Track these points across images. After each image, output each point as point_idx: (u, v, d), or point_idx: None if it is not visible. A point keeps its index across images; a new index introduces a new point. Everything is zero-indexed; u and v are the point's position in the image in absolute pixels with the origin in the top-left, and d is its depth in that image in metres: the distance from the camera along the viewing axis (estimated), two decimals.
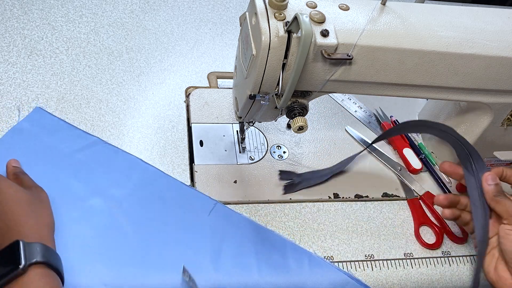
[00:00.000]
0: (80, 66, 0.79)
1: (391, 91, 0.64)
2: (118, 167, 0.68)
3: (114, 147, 0.70)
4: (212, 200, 0.67)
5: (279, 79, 0.57)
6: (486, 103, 0.68)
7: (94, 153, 0.68)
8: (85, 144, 0.69)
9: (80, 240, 0.60)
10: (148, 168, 0.69)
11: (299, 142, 0.78)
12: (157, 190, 0.67)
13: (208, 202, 0.67)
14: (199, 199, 0.67)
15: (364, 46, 0.57)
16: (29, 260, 0.48)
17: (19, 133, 0.68)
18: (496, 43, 0.62)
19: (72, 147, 0.68)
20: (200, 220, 0.65)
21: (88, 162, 0.67)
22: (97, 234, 0.61)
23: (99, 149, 0.69)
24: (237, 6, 0.97)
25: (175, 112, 0.77)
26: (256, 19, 0.55)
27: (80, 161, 0.67)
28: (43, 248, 0.50)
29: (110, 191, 0.65)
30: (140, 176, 0.68)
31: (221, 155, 0.74)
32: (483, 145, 0.75)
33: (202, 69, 0.84)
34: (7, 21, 0.81)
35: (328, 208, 0.72)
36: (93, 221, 0.62)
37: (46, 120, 0.70)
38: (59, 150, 0.67)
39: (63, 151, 0.67)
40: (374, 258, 0.68)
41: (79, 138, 0.69)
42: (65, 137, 0.69)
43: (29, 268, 0.48)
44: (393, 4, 0.61)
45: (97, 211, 0.63)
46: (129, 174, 0.67)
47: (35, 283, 0.48)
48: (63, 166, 0.66)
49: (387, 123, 0.83)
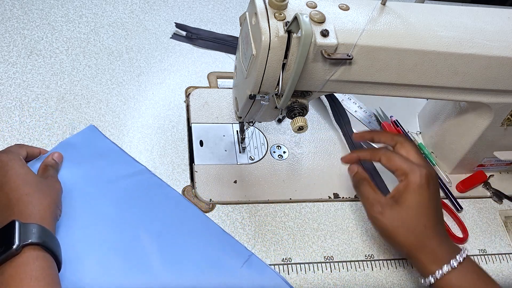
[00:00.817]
0: (80, 66, 0.79)
1: (391, 91, 0.64)
2: (159, 200, 0.66)
3: (159, 179, 0.68)
4: (247, 251, 0.65)
5: (279, 79, 0.57)
6: (486, 103, 0.68)
7: (139, 182, 0.67)
8: (132, 172, 0.68)
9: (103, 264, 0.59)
10: (189, 207, 0.67)
11: (299, 142, 0.78)
12: (194, 229, 0.65)
13: (243, 253, 0.64)
14: (235, 248, 0.64)
15: (364, 46, 0.57)
16: (24, 241, 0.47)
17: (69, 147, 0.67)
18: (496, 43, 0.62)
19: (118, 172, 0.67)
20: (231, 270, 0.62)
21: (130, 190, 0.66)
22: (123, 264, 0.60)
23: (144, 179, 0.68)
24: (237, 6, 0.97)
25: (175, 112, 0.77)
26: (256, 19, 0.55)
27: (122, 188, 0.66)
28: (40, 230, 0.49)
29: (145, 223, 0.64)
30: (179, 213, 0.66)
31: (221, 155, 0.74)
32: (483, 145, 0.75)
33: (202, 69, 0.84)
34: (7, 21, 0.81)
35: (328, 208, 0.72)
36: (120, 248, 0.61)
37: (97, 140, 0.70)
38: (104, 173, 0.66)
39: (108, 175, 0.66)
40: (374, 258, 0.68)
41: (127, 165, 0.68)
42: (113, 161, 0.68)
43: (23, 249, 0.47)
44: (393, 4, 0.61)
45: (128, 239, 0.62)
46: (168, 209, 0.66)
47: (29, 266, 0.46)
48: (104, 189, 0.65)
49: (387, 123, 0.83)
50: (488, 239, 0.74)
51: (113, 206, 0.64)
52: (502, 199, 0.79)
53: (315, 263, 0.66)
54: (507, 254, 0.73)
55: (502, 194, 0.79)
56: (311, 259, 0.66)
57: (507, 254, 0.73)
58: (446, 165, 0.80)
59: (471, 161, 0.78)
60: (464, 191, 0.78)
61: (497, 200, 0.79)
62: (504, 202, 0.79)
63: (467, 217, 0.76)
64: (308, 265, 0.66)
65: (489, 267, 0.71)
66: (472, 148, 0.75)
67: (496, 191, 0.79)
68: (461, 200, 0.77)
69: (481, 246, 0.73)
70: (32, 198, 0.53)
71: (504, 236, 0.75)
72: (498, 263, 0.72)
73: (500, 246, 0.74)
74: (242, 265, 0.63)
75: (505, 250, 0.73)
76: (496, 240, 0.74)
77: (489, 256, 0.72)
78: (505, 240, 0.75)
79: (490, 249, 0.73)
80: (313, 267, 0.66)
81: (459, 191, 0.78)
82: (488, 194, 0.79)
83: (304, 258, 0.66)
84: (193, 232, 0.64)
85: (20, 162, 0.57)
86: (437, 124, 0.80)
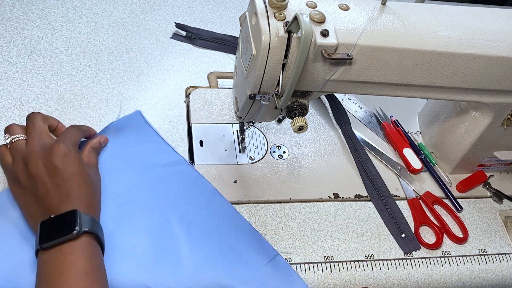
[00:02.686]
0: (80, 66, 0.79)
1: (391, 91, 0.64)
2: (193, 191, 0.67)
3: (196, 171, 0.69)
4: (273, 250, 0.65)
5: (279, 79, 0.57)
6: (486, 103, 0.68)
7: (176, 173, 0.68)
8: (170, 161, 0.69)
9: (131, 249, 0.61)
10: (221, 200, 0.68)
11: (299, 142, 0.78)
12: (224, 222, 0.66)
13: (269, 251, 0.64)
14: (262, 245, 0.65)
15: (364, 46, 0.57)
16: (83, 228, 0.54)
17: (114, 130, 0.70)
18: (496, 43, 0.62)
19: (157, 160, 0.69)
20: (256, 266, 0.63)
21: (167, 179, 0.67)
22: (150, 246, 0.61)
23: (182, 170, 0.69)
24: (237, 6, 0.97)
25: (175, 112, 0.77)
26: (256, 19, 0.55)
27: (160, 175, 0.67)
28: (93, 221, 0.56)
29: (177, 210, 0.65)
30: (211, 205, 0.67)
31: (221, 155, 0.73)
32: (483, 145, 0.75)
33: (202, 69, 0.84)
34: (7, 21, 0.81)
35: (328, 208, 0.72)
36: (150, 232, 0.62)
37: (141, 127, 0.72)
38: (144, 159, 0.68)
39: (147, 162, 0.68)
40: (374, 258, 0.68)
41: (166, 154, 0.70)
42: (154, 148, 0.70)
43: (81, 235, 0.54)
44: (393, 4, 0.61)
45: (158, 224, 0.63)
46: (201, 200, 0.67)
47: (84, 248, 0.54)
48: (142, 174, 0.67)
49: (387, 123, 0.83)
50: (488, 239, 0.74)
51: (148, 190, 0.66)
52: (502, 199, 0.79)
53: (315, 263, 0.66)
54: (507, 254, 0.73)
55: (502, 194, 0.79)
56: (311, 259, 0.66)
57: (507, 254, 0.73)
58: (446, 165, 0.80)
59: (471, 161, 0.78)
60: (464, 191, 0.78)
61: (497, 200, 0.79)
62: (504, 202, 0.79)
63: (467, 217, 0.76)
64: (308, 265, 0.66)
65: (489, 267, 0.71)
66: (472, 148, 0.75)
67: (496, 191, 0.79)
68: (461, 200, 0.77)
69: (481, 246, 0.73)
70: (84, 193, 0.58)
71: (504, 236, 0.75)
72: (498, 263, 0.72)
73: (500, 246, 0.74)
74: (267, 263, 0.63)
75: (505, 250, 0.73)
76: (496, 240, 0.74)
77: (489, 256, 0.72)
78: (505, 240, 0.75)
79: (490, 249, 0.73)
80: (313, 267, 0.66)
81: (459, 191, 0.78)
82: (488, 194, 0.79)
83: (304, 258, 0.66)
84: (223, 225, 0.65)
85: (78, 155, 0.61)
86: (437, 124, 0.80)
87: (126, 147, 0.69)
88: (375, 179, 0.75)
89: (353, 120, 0.83)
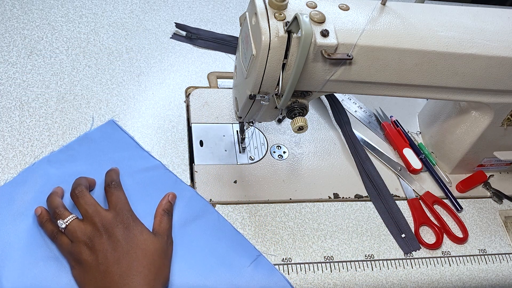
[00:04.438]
0: (80, 66, 0.79)
1: (391, 91, 0.64)
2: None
3: (174, 175, 0.69)
4: (256, 251, 0.65)
5: (279, 79, 0.57)
6: (486, 103, 0.68)
7: (153, 177, 0.68)
8: (147, 166, 0.69)
9: None
10: (202, 203, 0.67)
11: (299, 142, 0.78)
12: (205, 225, 0.65)
13: (252, 252, 0.65)
14: (244, 246, 0.65)
15: (364, 46, 0.57)
16: None
17: (88, 141, 0.69)
18: (496, 43, 0.62)
19: (134, 167, 0.68)
20: (238, 268, 0.63)
21: (144, 184, 0.67)
22: None
23: (159, 174, 0.69)
24: (237, 6, 0.97)
25: (175, 112, 0.77)
26: (256, 19, 0.55)
27: (137, 181, 0.67)
28: None
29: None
30: (192, 209, 0.66)
31: (221, 155, 0.74)
32: (483, 145, 0.75)
33: (202, 69, 0.84)
34: (7, 21, 0.81)
35: (328, 208, 0.72)
36: None
37: (116, 135, 0.71)
38: (120, 167, 0.67)
39: (124, 169, 0.67)
40: (374, 258, 0.68)
41: (143, 160, 0.70)
42: (130, 155, 0.69)
43: None
44: (393, 4, 0.61)
45: None
46: (181, 204, 0.66)
47: None
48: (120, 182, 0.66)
49: (387, 123, 0.83)
50: (488, 239, 0.74)
51: (127, 196, 0.65)
52: (502, 199, 0.79)
53: (315, 263, 0.66)
54: (507, 254, 0.73)
55: (502, 194, 0.79)
56: (311, 259, 0.66)
57: (507, 254, 0.73)
58: (446, 165, 0.80)
59: (471, 161, 0.78)
60: (464, 191, 0.78)
61: (497, 200, 0.79)
62: (504, 202, 0.79)
63: (467, 217, 0.76)
64: (308, 265, 0.66)
65: (489, 267, 0.71)
66: (472, 148, 0.75)
67: (496, 191, 0.79)
68: (461, 200, 0.77)
69: (481, 246, 0.73)
70: (150, 266, 0.57)
71: (504, 236, 0.75)
72: (498, 263, 0.72)
73: (500, 246, 0.74)
74: (250, 264, 0.63)
75: (505, 250, 0.73)
76: (496, 240, 0.74)
77: (489, 256, 0.72)
78: (505, 240, 0.75)
79: (490, 249, 0.73)
80: (313, 267, 0.66)
81: (459, 191, 0.78)
82: (488, 194, 0.79)
83: (304, 258, 0.66)
84: (204, 228, 0.65)
85: (137, 224, 0.60)
86: (437, 124, 0.80)
87: (101, 155, 0.68)
88: (375, 179, 0.75)
89: (353, 120, 0.83)
